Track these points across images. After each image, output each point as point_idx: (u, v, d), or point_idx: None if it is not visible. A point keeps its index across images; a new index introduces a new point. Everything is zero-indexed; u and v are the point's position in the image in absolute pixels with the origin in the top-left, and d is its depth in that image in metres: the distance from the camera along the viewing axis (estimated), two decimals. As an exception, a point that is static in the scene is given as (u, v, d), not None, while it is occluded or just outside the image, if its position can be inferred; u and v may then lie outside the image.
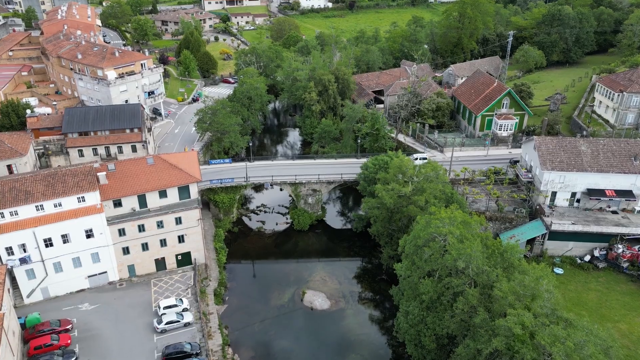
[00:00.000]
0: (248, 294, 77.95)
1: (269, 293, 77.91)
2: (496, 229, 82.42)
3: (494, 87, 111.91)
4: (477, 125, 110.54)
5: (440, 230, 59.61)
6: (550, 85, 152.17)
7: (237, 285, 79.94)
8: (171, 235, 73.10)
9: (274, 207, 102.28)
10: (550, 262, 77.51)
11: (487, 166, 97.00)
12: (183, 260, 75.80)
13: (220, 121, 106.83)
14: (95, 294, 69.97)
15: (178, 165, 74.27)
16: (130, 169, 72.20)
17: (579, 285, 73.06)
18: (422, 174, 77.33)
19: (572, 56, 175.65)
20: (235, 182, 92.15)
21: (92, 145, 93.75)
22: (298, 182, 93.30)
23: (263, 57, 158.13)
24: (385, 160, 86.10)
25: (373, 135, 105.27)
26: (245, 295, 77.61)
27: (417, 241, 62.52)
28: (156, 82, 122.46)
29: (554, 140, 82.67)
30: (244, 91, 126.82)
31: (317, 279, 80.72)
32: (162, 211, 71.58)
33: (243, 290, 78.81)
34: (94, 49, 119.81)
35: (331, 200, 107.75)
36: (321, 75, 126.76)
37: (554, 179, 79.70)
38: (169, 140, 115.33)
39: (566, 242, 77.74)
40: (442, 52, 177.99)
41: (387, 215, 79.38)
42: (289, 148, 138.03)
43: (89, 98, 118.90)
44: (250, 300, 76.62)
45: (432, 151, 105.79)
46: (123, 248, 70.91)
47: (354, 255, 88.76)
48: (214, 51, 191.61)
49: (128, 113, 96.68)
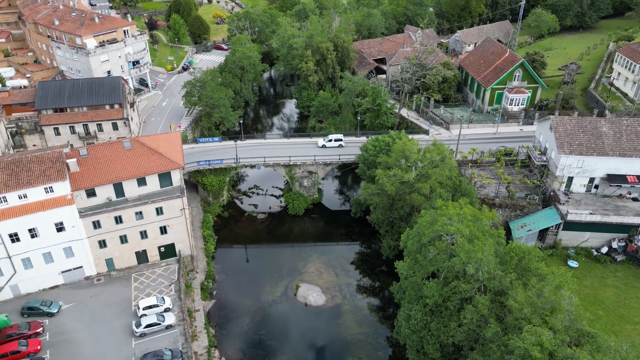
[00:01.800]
0: (238, 288, 72.51)
1: (261, 286, 72.47)
2: (506, 216, 76.14)
3: (506, 58, 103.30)
4: (486, 99, 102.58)
5: (448, 229, 53.31)
6: (563, 52, 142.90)
7: (226, 277, 74.39)
8: (152, 227, 66.93)
9: (268, 189, 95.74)
10: (564, 253, 71.64)
11: (496, 145, 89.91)
12: (167, 252, 69.93)
13: (210, 95, 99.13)
14: (70, 290, 64.42)
15: (158, 150, 67.30)
16: (104, 154, 65.29)
17: (595, 280, 67.35)
18: (427, 159, 70.48)
19: (586, 20, 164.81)
20: (224, 164, 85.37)
21: (69, 122, 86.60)
22: (292, 163, 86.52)
23: (257, 22, 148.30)
24: (386, 141, 78.99)
25: (374, 111, 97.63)
26: (234, 289, 72.19)
27: (421, 238, 56.33)
28: (141, 51, 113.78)
29: (573, 120, 75.22)
30: (235, 60, 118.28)
31: (312, 270, 75.09)
32: (141, 201, 65.10)
33: (232, 283, 73.36)
34: (72, 14, 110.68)
35: (329, 178, 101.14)
36: (319, 43, 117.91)
37: (572, 164, 72.80)
38: (156, 114, 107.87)
39: (582, 233, 71.52)
40: (448, 16, 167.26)
41: (388, 203, 73.06)
42: (285, 121, 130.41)
43: (68, 68, 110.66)
44: (240, 294, 71.23)
45: (437, 128, 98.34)
46: (99, 241, 64.86)
47: (352, 242, 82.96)
48: (207, 14, 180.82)
49: (107, 87, 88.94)
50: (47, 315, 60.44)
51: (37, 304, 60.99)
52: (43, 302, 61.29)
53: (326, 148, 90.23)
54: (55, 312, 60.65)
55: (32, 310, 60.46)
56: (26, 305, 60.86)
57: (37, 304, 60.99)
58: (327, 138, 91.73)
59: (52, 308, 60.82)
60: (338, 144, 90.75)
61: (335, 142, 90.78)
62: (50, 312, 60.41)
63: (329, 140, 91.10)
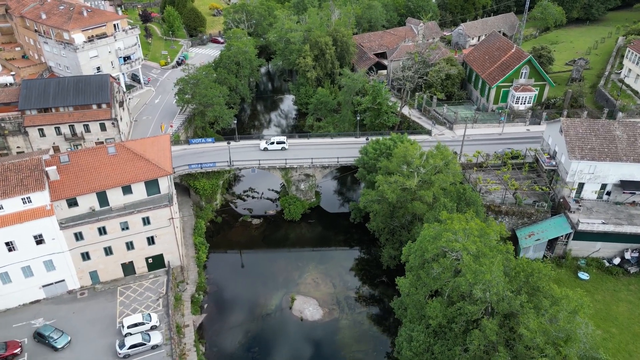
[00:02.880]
0: (230, 300, 68.91)
1: (254, 298, 68.88)
2: (512, 224, 72.35)
3: (512, 54, 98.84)
4: (492, 98, 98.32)
5: (453, 245, 49.53)
6: (570, 46, 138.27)
7: (218, 288, 70.77)
8: (139, 237, 63.17)
9: (263, 192, 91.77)
10: (574, 264, 67.97)
11: (502, 147, 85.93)
12: (155, 263, 66.26)
13: (203, 92, 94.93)
14: (51, 305, 60.83)
15: (145, 155, 63.36)
16: (87, 160, 61.34)
17: (608, 294, 63.71)
18: (430, 165, 66.53)
19: (593, 13, 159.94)
20: (217, 167, 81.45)
21: (54, 123, 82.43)
22: (289, 166, 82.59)
23: (254, 15, 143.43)
24: (387, 144, 74.96)
25: (374, 110, 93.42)
26: (226, 302, 68.60)
27: (424, 254, 52.60)
28: (132, 46, 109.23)
29: (584, 123, 71.08)
30: (231, 56, 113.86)
31: (308, 280, 71.45)
32: (126, 211, 61.26)
33: (225, 295, 69.75)
34: (59, 7, 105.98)
35: (328, 179, 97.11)
36: (317, 37, 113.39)
37: (583, 169, 68.85)
38: (148, 112, 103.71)
39: (593, 243, 67.81)
40: (451, 7, 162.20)
41: (389, 210, 69.31)
42: (282, 117, 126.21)
43: (56, 65, 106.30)
44: (233, 307, 67.64)
45: (440, 128, 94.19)
46: (82, 253, 61.14)
47: (351, 249, 79.29)
48: (203, 6, 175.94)
49: (94, 86, 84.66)
50: (51, 348, 54.81)
51: (47, 331, 55.76)
52: (53, 331, 55.90)
53: (268, 151, 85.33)
54: (60, 347, 54.68)
55: (41, 337, 55.57)
56: (37, 330, 56.21)
57: (47, 331, 55.76)
58: (269, 141, 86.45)
59: (58, 342, 54.90)
60: (281, 147, 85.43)
61: (278, 145, 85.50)
62: (54, 346, 54.62)
63: (271, 143, 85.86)
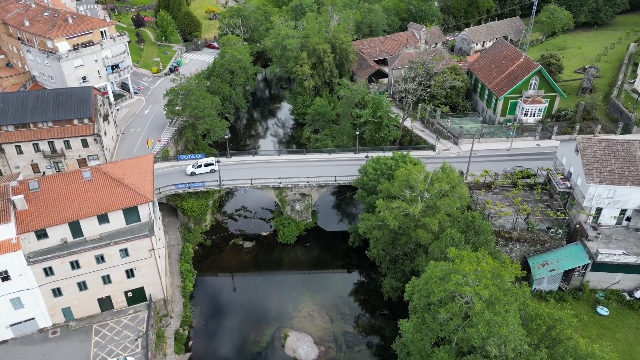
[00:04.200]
0: (218, 336, 63.40)
1: (244, 334, 63.39)
2: (524, 251, 66.94)
3: (521, 64, 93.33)
4: (499, 110, 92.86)
5: (463, 290, 44.06)
6: (578, 52, 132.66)
7: (205, 322, 65.25)
8: (116, 270, 57.82)
9: (257, 211, 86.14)
10: (592, 298, 62.52)
11: (510, 164, 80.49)
12: (135, 297, 60.90)
13: (194, 104, 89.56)
14: (20, 347, 55.45)
15: (124, 180, 57.99)
16: (59, 187, 55.98)
17: (630, 332, 58.22)
18: (435, 189, 61.05)
19: (601, 17, 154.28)
20: (206, 187, 76.07)
21: (33, 140, 77.18)
22: (283, 186, 77.18)
23: (250, 20, 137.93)
24: (389, 164, 69.43)
25: (374, 123, 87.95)
26: (214, 338, 63.10)
27: (430, 296, 47.14)
28: (121, 54, 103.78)
29: (602, 142, 65.56)
30: (224, 64, 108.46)
31: (303, 313, 65.97)
32: (102, 242, 55.88)
33: (212, 330, 64.23)
34: (44, 13, 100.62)
35: (326, 195, 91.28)
36: (315, 44, 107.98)
37: (601, 194, 63.38)
38: (137, 124, 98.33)
39: (613, 274, 62.36)
40: (454, 11, 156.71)
41: (390, 238, 63.83)
42: (280, 127, 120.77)
43: (40, 74, 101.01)
44: (220, 344, 62.16)
45: (444, 142, 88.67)
46: (53, 289, 55.79)
47: (349, 275, 73.88)
48: (200, 9, 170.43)
49: (76, 99, 79.36)
50: None
51: None
52: None
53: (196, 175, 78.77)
54: None
55: None
56: None
57: None
58: (196, 164, 79.35)
59: None
60: (210, 169, 78.55)
61: (206, 168, 78.62)
62: None
63: (198, 166, 78.86)
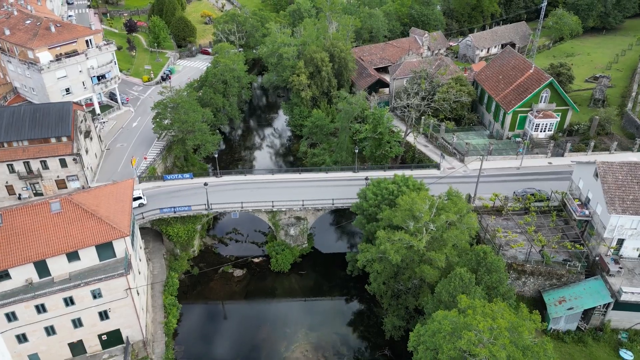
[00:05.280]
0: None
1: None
2: (539, 285, 61.26)
3: (530, 75, 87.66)
4: (507, 124, 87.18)
5: (476, 351, 38.46)
6: (587, 59, 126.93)
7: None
8: (88, 313, 52.28)
9: (249, 234, 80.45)
10: (614, 339, 56.87)
11: (520, 184, 74.79)
12: (110, 340, 55.31)
13: (183, 118, 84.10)
14: (-20, 399, 50.08)
15: (98, 212, 52.43)
16: (24, 221, 50.42)
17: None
18: (442, 220, 55.46)
19: (610, 21, 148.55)
20: (193, 211, 70.54)
21: (7, 160, 71.73)
22: (276, 209, 71.63)
23: (246, 25, 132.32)
24: (390, 189, 63.74)
25: (375, 140, 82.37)
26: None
27: (437, 351, 41.56)
28: (107, 64, 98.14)
29: (624, 167, 59.78)
30: (217, 73, 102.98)
31: (296, 354, 60.30)
32: (71, 283, 50.38)
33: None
34: (26, 22, 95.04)
35: (322, 217, 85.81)
36: (313, 53, 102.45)
37: (624, 224, 57.71)
38: (124, 138, 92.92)
39: (637, 313, 56.70)
40: (458, 16, 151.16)
41: (392, 272, 58.27)
42: (276, 138, 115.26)
43: (22, 85, 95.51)
44: (205, 391, 56.83)
45: (450, 160, 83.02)
46: (17, 336, 50.32)
47: (348, 307, 68.27)
48: (195, 13, 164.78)
49: (54, 116, 73.91)
50: None
51: None
52: None
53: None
54: None
55: None
56: None
57: None
58: None
59: None
60: (138, 204, 70.41)
61: (135, 202, 69.39)
62: None
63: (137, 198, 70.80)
